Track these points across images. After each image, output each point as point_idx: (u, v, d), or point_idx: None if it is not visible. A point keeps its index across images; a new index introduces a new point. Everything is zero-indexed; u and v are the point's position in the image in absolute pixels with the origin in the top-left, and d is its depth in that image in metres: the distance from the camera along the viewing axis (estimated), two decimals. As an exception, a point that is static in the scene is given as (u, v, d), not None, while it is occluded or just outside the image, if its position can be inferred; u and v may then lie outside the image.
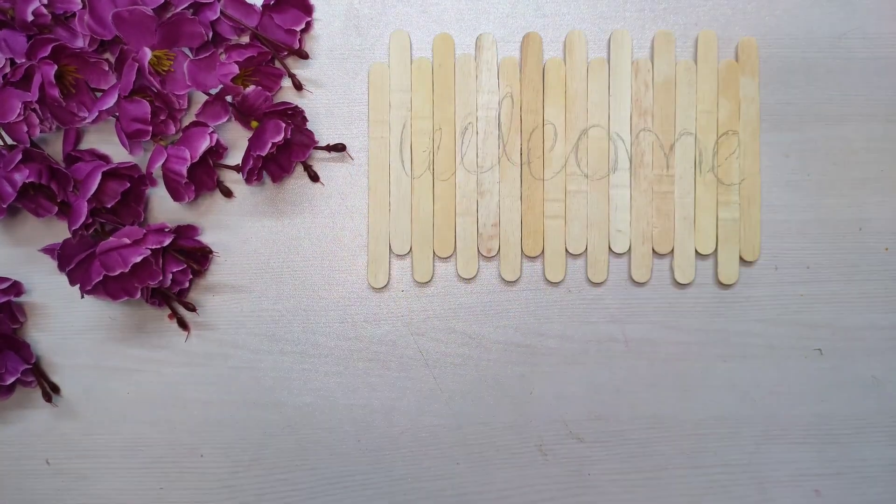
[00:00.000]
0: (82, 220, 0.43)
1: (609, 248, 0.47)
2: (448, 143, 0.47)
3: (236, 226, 0.47)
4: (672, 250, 0.47)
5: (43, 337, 0.47)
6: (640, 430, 0.46)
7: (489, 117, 0.47)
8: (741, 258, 0.46)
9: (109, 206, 0.44)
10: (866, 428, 0.46)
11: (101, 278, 0.42)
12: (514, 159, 0.47)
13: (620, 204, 0.47)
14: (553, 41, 0.48)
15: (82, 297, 0.43)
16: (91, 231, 0.44)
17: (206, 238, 0.47)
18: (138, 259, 0.42)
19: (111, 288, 0.43)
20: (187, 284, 0.46)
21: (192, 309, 0.46)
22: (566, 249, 0.47)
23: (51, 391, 0.46)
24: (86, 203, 0.43)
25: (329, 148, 0.47)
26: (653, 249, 0.47)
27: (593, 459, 0.47)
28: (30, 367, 0.46)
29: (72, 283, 0.43)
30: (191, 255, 0.46)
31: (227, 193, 0.47)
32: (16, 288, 0.46)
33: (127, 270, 0.42)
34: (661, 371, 0.47)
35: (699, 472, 0.46)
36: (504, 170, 0.47)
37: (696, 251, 0.46)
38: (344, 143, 0.47)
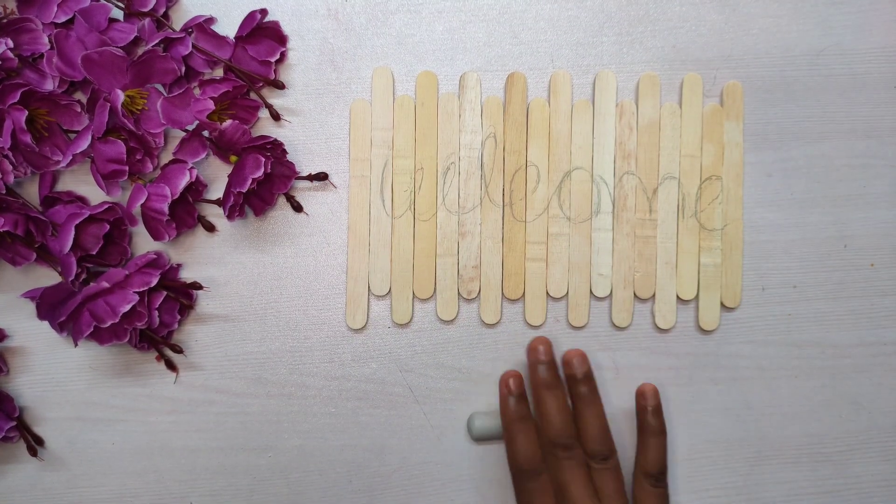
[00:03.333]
0: (73, 274, 0.42)
1: (591, 291, 0.46)
2: (429, 183, 0.47)
3: (219, 263, 0.46)
4: (654, 295, 0.46)
5: (25, 386, 0.46)
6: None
7: (472, 157, 0.47)
8: (722, 304, 0.46)
9: (94, 252, 0.43)
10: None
11: (92, 329, 0.41)
12: (497, 200, 0.46)
13: (603, 247, 0.46)
14: (531, 68, 0.47)
15: (76, 345, 0.43)
16: (81, 279, 0.44)
17: (189, 276, 0.46)
18: (127, 308, 0.41)
19: (101, 335, 0.42)
20: (176, 325, 0.45)
21: (179, 351, 0.45)
22: (547, 292, 0.46)
23: (35, 444, 0.45)
24: (72, 256, 0.42)
25: (311, 177, 0.46)
26: (634, 294, 0.46)
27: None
28: (14, 423, 0.45)
29: (61, 332, 0.42)
30: (178, 291, 0.45)
31: (210, 228, 0.46)
32: (-3, 335, 0.45)
33: (117, 321, 0.41)
34: (652, 397, 0.46)
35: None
36: (486, 211, 0.46)
37: (677, 297, 0.46)
38: (325, 171, 0.46)
